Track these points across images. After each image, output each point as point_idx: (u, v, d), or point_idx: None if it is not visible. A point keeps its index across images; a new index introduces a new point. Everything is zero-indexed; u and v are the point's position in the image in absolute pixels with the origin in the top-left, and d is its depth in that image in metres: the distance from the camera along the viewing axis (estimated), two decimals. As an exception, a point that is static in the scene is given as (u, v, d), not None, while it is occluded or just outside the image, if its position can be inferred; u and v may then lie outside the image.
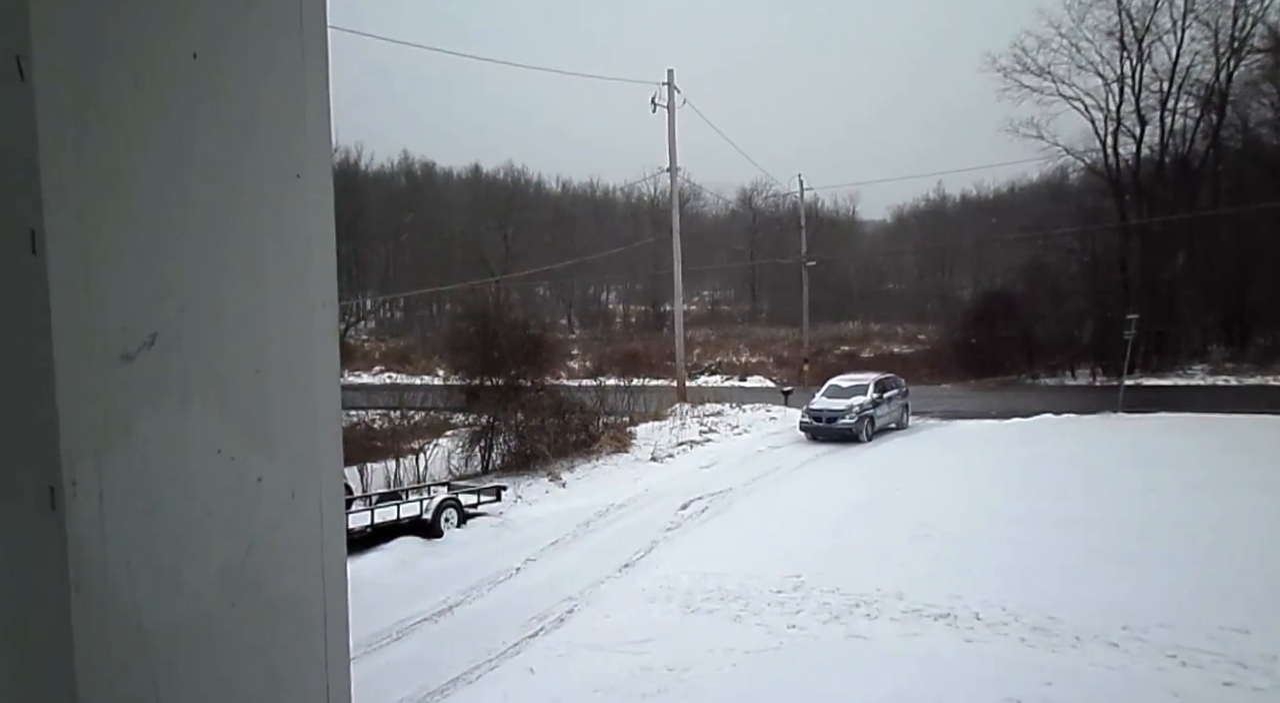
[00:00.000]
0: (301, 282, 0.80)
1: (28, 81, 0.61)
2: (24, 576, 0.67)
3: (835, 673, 8.83)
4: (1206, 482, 15.55)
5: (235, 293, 0.74)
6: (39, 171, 0.61)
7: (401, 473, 19.26)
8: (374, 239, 57.52)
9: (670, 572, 12.56)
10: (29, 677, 0.68)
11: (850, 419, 22.36)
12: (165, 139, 0.69)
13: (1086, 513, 14.06)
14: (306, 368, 0.80)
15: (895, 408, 24.18)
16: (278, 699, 0.80)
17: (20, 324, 0.63)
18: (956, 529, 13.61)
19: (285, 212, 0.78)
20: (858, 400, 22.92)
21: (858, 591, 11.16)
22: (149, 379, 0.68)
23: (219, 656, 0.75)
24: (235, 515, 0.76)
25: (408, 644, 10.51)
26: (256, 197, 0.75)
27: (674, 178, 30.86)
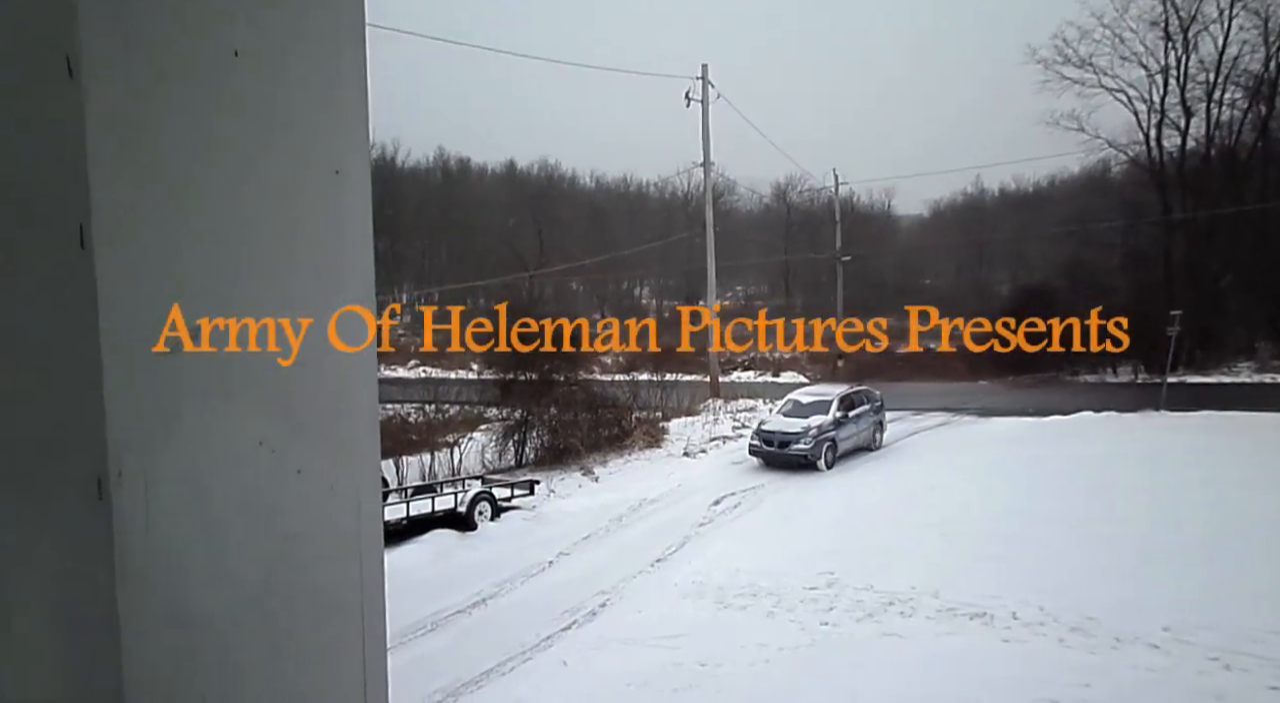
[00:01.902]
0: (341, 276, 0.80)
1: (76, 79, 0.62)
2: (73, 564, 0.69)
3: (869, 671, 8.77)
4: (1252, 482, 15.20)
5: (278, 286, 0.75)
6: (87, 167, 0.63)
7: (436, 466, 19.45)
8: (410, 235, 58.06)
9: (703, 567, 12.56)
10: (79, 663, 0.70)
11: (806, 443, 18.83)
12: (208, 136, 0.70)
13: (1127, 512, 13.81)
14: (346, 363, 0.81)
15: (865, 426, 20.76)
16: (317, 688, 0.81)
17: (69, 317, 0.65)
18: (992, 529, 13.44)
19: (324, 207, 0.79)
20: (816, 420, 19.37)
21: (892, 588, 11.07)
22: (193, 371, 0.69)
23: (260, 645, 0.76)
24: (276, 507, 0.77)
25: (442, 636, 10.62)
26: (297, 192, 0.76)
27: (707, 173, 30.78)
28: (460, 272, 52.63)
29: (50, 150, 0.65)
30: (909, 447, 21.69)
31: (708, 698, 8.41)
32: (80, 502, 0.66)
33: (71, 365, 0.65)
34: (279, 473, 0.76)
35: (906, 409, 27.48)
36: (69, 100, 0.63)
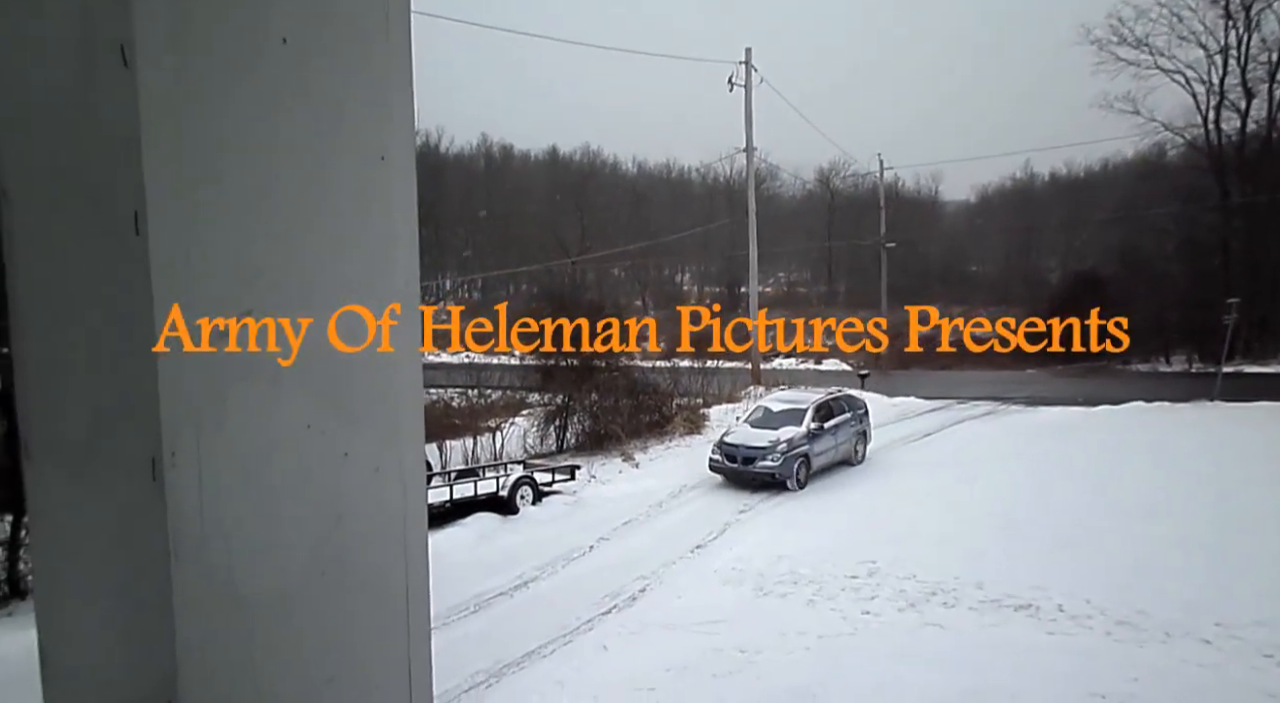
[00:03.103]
0: (387, 261, 0.81)
1: (130, 68, 0.63)
2: (129, 543, 0.71)
3: (910, 661, 8.71)
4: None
5: (324, 273, 0.76)
6: (141, 155, 0.64)
7: (479, 450, 19.65)
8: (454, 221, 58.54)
9: (743, 554, 12.55)
10: (135, 637, 0.72)
11: (773, 460, 16.39)
12: (257, 123, 0.71)
13: (1179, 505, 13.51)
14: (391, 347, 0.82)
15: (845, 438, 18.20)
16: (362, 667, 0.82)
17: (125, 302, 0.67)
18: (1038, 520, 13.24)
19: (370, 194, 0.79)
20: (787, 433, 16.90)
21: (935, 578, 10.97)
22: (242, 358, 0.71)
23: (308, 623, 0.78)
24: (323, 489, 0.78)
25: (484, 618, 10.76)
26: (343, 179, 0.77)
27: (750, 158, 30.55)
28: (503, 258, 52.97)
29: (106, 139, 0.66)
30: (949, 439, 21.40)
31: (747, 684, 8.43)
32: (136, 482, 0.68)
33: (127, 352, 0.67)
34: (327, 455, 0.78)
35: (951, 398, 27.12)
36: (124, 89, 0.64)
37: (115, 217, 0.66)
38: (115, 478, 0.70)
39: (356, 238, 0.79)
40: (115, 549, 0.73)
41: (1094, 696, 7.81)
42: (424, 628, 0.88)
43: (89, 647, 0.78)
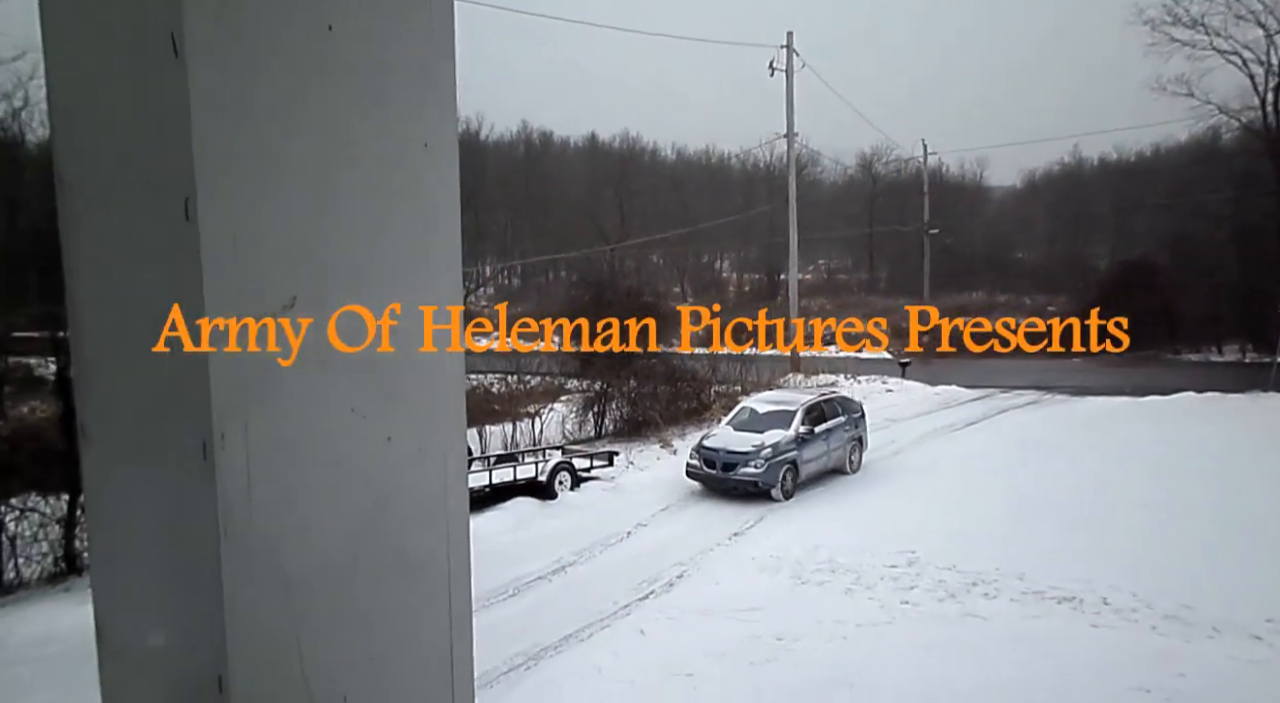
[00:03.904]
0: (429, 247, 0.82)
1: (181, 57, 0.65)
2: (180, 523, 0.73)
3: (950, 652, 8.65)
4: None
5: (368, 258, 0.77)
6: (191, 143, 0.65)
7: (518, 436, 19.81)
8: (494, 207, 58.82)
9: (781, 542, 12.52)
10: (186, 616, 0.74)
11: (756, 466, 14.93)
12: (303, 110, 0.72)
13: (1231, 499, 13.20)
14: (433, 331, 0.83)
15: (838, 444, 16.62)
16: (406, 646, 0.84)
17: (176, 287, 0.68)
18: (1082, 511, 13.02)
19: (414, 180, 0.80)
20: (773, 437, 15.37)
21: (976, 569, 10.86)
22: (289, 340, 0.72)
23: (352, 604, 0.79)
24: (367, 472, 0.79)
25: (523, 601, 10.87)
26: (387, 165, 0.78)
27: (791, 144, 30.27)
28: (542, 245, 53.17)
29: (158, 127, 0.68)
30: (990, 428, 21.10)
31: (785, 672, 8.42)
32: (187, 464, 0.70)
33: (180, 334, 0.68)
34: (370, 439, 0.79)
35: (994, 387, 26.73)
36: (174, 78, 0.65)
37: (167, 203, 0.68)
38: (168, 460, 0.72)
39: (400, 224, 0.80)
40: (167, 528, 0.75)
41: (1138, 690, 7.68)
42: (465, 609, 0.89)
43: (143, 622, 0.81)
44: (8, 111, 13.17)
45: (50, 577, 12.23)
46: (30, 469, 13.12)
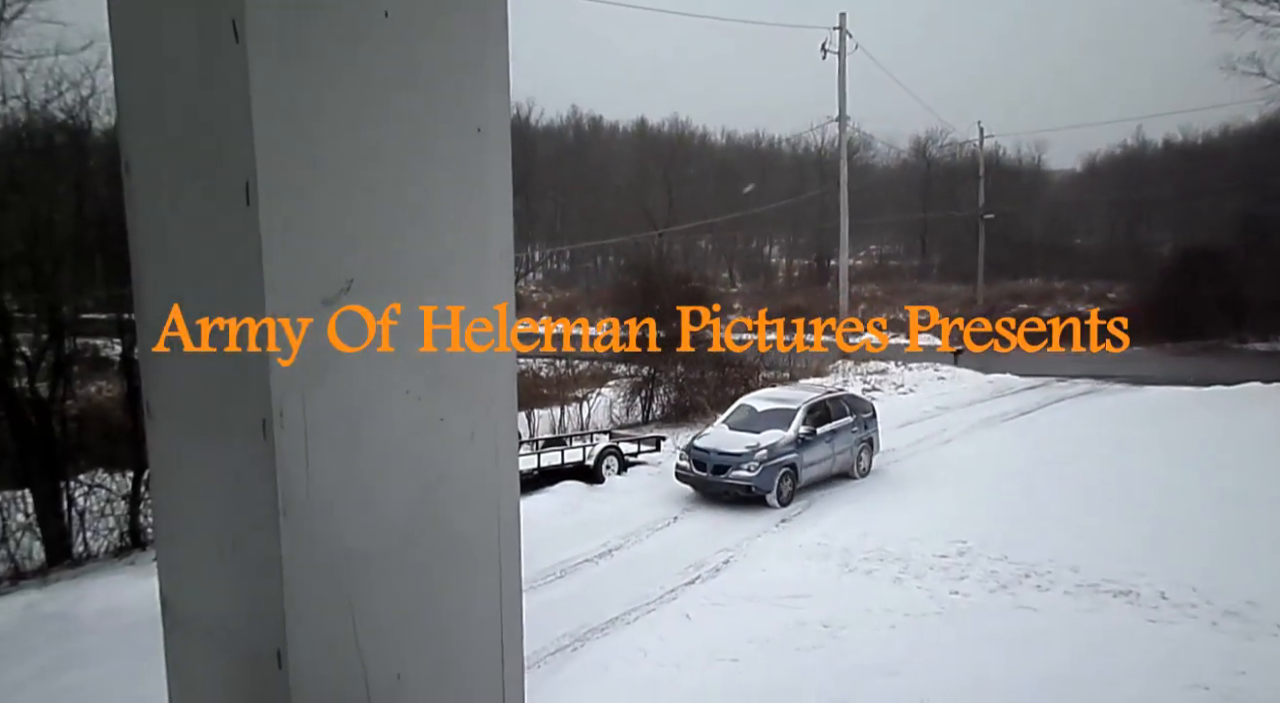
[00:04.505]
0: (482, 232, 0.83)
1: (242, 43, 0.66)
2: (241, 500, 0.75)
3: (1000, 644, 8.53)
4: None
5: (422, 242, 0.78)
6: (252, 128, 0.67)
7: (566, 420, 19.96)
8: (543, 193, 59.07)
9: (828, 529, 12.45)
10: (247, 590, 0.76)
11: (749, 470, 13.75)
12: (359, 95, 0.73)
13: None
14: (485, 315, 0.84)
15: (844, 447, 15.34)
16: (457, 625, 0.85)
17: (238, 270, 0.70)
18: (1140, 504, 12.71)
19: (467, 164, 0.81)
20: (770, 438, 14.18)
21: (1028, 560, 10.68)
22: (345, 323, 0.73)
23: (405, 583, 0.81)
24: (420, 453, 0.80)
25: (570, 583, 10.98)
26: (442, 150, 0.79)
27: (842, 127, 29.85)
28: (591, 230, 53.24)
29: (220, 112, 0.69)
30: (1044, 418, 20.67)
31: (830, 659, 8.39)
32: (248, 443, 0.72)
33: (240, 318, 0.70)
34: (424, 420, 0.80)
35: (1049, 375, 26.19)
36: (235, 64, 0.66)
37: (228, 187, 0.69)
38: (229, 438, 0.74)
39: (455, 209, 0.80)
40: (228, 505, 0.77)
41: (1196, 687, 7.50)
42: (515, 589, 0.90)
43: (205, 596, 0.83)
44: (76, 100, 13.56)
45: (116, 551, 12.67)
46: (98, 447, 13.59)
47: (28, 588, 11.15)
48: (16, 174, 13.13)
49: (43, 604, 10.24)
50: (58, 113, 13.67)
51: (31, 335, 13.19)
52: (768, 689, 7.87)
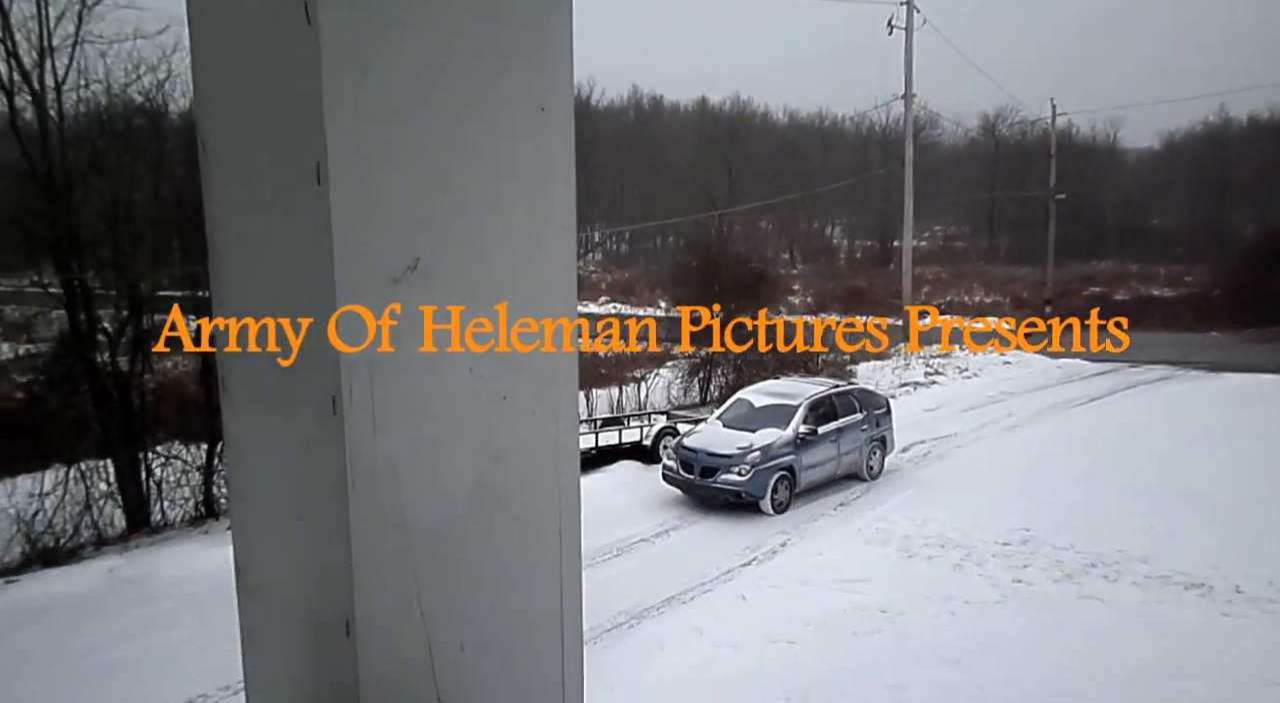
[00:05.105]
0: (544, 211, 0.83)
1: (314, 26, 0.67)
2: (311, 472, 0.77)
3: (1064, 634, 8.35)
4: None
5: (486, 221, 0.79)
6: (323, 109, 0.68)
7: (624, 400, 20.05)
8: (603, 173, 59.12)
9: (887, 514, 12.30)
10: (316, 560, 0.78)
11: (740, 472, 12.53)
12: (428, 76, 0.74)
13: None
14: (547, 293, 0.84)
15: (851, 447, 13.98)
16: (518, 599, 0.86)
17: (308, 249, 0.71)
18: (1216, 495, 12.28)
19: (531, 144, 0.81)
20: (765, 438, 12.95)
21: (1095, 550, 10.42)
22: (412, 300, 0.75)
23: (467, 556, 0.82)
24: (483, 430, 0.82)
25: (627, 561, 11.06)
26: (506, 129, 0.79)
27: (909, 105, 29.18)
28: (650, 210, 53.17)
29: (292, 94, 0.71)
30: (1115, 405, 20.06)
31: (888, 645, 8.32)
32: (318, 418, 0.74)
33: (312, 294, 0.72)
34: (487, 397, 0.81)
35: (1122, 361, 25.41)
36: (307, 46, 0.68)
37: (299, 168, 0.70)
38: (300, 413, 0.76)
39: (517, 186, 0.81)
40: (299, 478, 0.79)
41: (1271, 683, 7.25)
42: (575, 565, 0.91)
43: (277, 565, 0.86)
44: (153, 84, 13.96)
45: (191, 520, 13.17)
46: (174, 420, 14.11)
47: (109, 554, 11.67)
48: (98, 157, 13.61)
49: (123, 570, 10.70)
50: (136, 96, 14.12)
51: (112, 311, 13.73)
52: (824, 672, 7.84)
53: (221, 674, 7.56)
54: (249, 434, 0.86)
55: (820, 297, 40.45)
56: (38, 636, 8.92)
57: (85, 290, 13.29)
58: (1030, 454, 15.29)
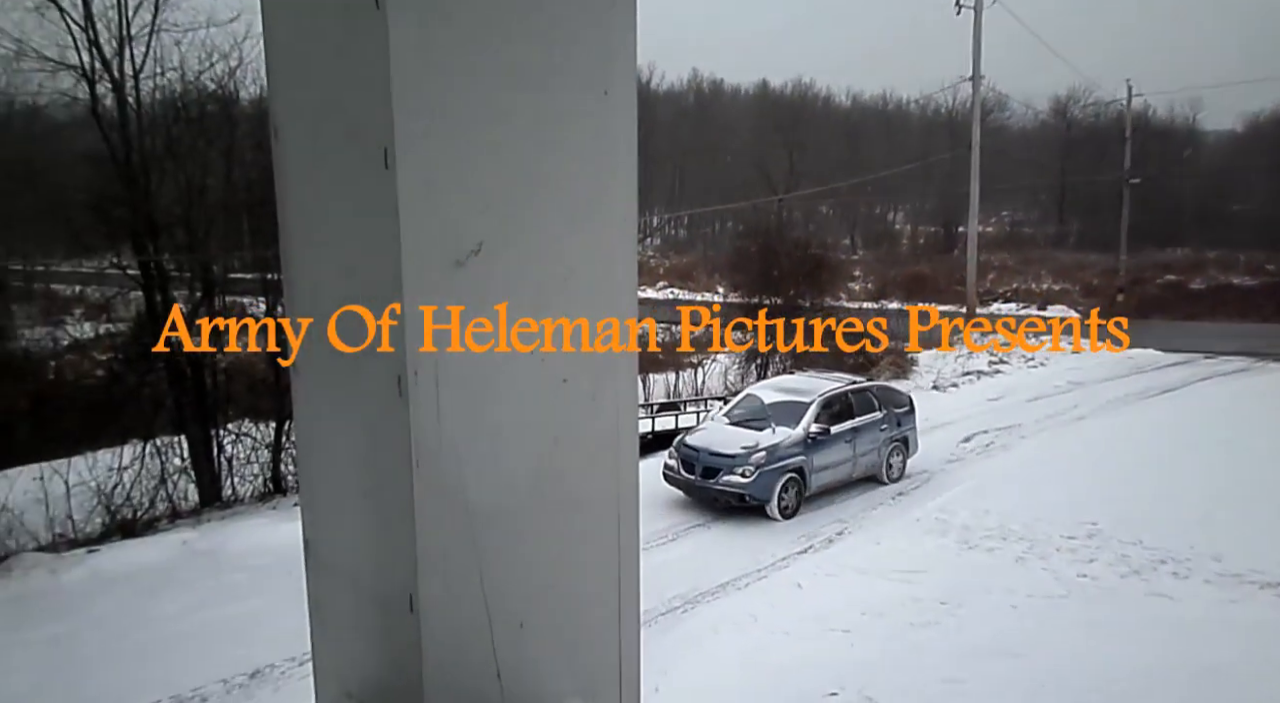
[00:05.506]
0: (606, 195, 0.83)
1: (382, 10, 0.68)
2: (377, 451, 0.79)
3: (1131, 631, 8.14)
4: None
5: (549, 204, 0.79)
6: (391, 93, 0.69)
7: (680, 385, 20.06)
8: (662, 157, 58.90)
9: (947, 504, 12.11)
10: (382, 537, 0.80)
11: (744, 475, 11.82)
12: (492, 60, 0.74)
13: None
14: (608, 277, 0.84)
15: (868, 447, 13.21)
16: (576, 580, 0.87)
17: (376, 232, 0.73)
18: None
19: (594, 127, 0.81)
20: (772, 437, 12.26)
21: (1165, 546, 10.12)
22: (475, 283, 0.76)
23: (527, 538, 0.83)
24: (544, 412, 0.82)
25: (681, 546, 11.10)
26: (569, 113, 0.79)
27: (976, 87, 28.42)
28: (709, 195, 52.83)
29: (361, 79, 0.72)
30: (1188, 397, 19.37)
31: (946, 636, 8.21)
32: (384, 398, 0.75)
33: (380, 276, 0.73)
34: (548, 381, 0.82)
35: (1197, 352, 24.53)
36: (376, 31, 0.69)
37: (368, 152, 0.72)
38: (367, 393, 0.78)
39: (580, 170, 0.81)
40: (366, 457, 0.81)
41: (1353, 690, 6.98)
42: (633, 549, 0.91)
43: (344, 540, 0.88)
44: (225, 71, 14.35)
45: (260, 496, 13.60)
46: (244, 399, 14.57)
47: (183, 526, 12.14)
48: (173, 143, 14.05)
49: (196, 542, 11.12)
50: (209, 83, 14.52)
51: (186, 293, 14.20)
52: (879, 662, 7.78)
53: (288, 645, 7.82)
54: (318, 415, 0.88)
55: (881, 283, 39.78)
56: (117, 603, 9.33)
57: (161, 272, 13.77)
58: (1098, 447, 14.89)
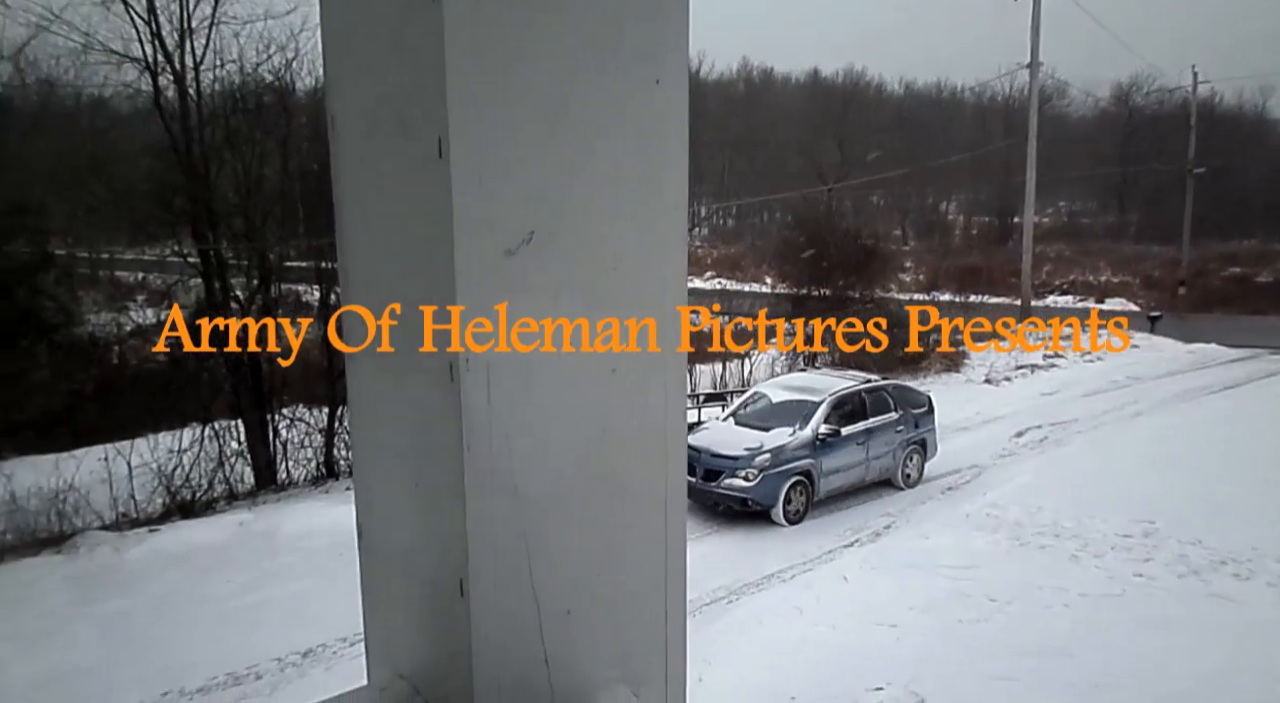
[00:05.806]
0: (657, 185, 0.83)
1: (438, 3, 0.69)
2: (429, 436, 0.80)
3: (1188, 633, 7.93)
4: None
5: (600, 194, 0.80)
6: (446, 84, 0.70)
7: (727, 375, 19.99)
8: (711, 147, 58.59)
9: (998, 500, 11.90)
10: (433, 521, 0.82)
11: (748, 478, 11.34)
12: (546, 49, 0.74)
13: None
14: (658, 267, 0.85)
15: (883, 449, 12.69)
16: (623, 569, 0.88)
17: (430, 220, 0.74)
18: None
19: (646, 118, 0.81)
20: (778, 438, 11.78)
21: (1226, 546, 9.82)
22: (526, 273, 0.76)
23: (575, 524, 0.84)
24: (593, 401, 0.83)
25: (727, 537, 11.08)
26: (622, 103, 0.79)
27: (1034, 74, 27.76)
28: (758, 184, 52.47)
29: (417, 68, 0.73)
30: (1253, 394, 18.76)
31: (995, 634, 8.09)
32: (437, 384, 0.76)
33: (433, 263, 0.74)
34: (597, 370, 0.82)
35: (1262, 347, 23.76)
36: (431, 21, 0.69)
37: (422, 141, 0.73)
38: (420, 379, 0.79)
39: (631, 160, 0.81)
40: (418, 443, 0.82)
41: None
42: (680, 538, 0.92)
43: (396, 525, 0.90)
44: (282, 62, 14.62)
45: (313, 480, 13.90)
46: (298, 384, 14.89)
47: (239, 508, 12.46)
48: (231, 133, 14.37)
49: (252, 524, 11.41)
50: (266, 75, 14.81)
51: (244, 280, 14.54)
52: (926, 658, 7.69)
53: (339, 626, 8.00)
54: (371, 401, 0.90)
55: (933, 274, 39.19)
56: (177, 581, 9.63)
57: (220, 260, 14.12)
58: (1156, 444, 14.49)
